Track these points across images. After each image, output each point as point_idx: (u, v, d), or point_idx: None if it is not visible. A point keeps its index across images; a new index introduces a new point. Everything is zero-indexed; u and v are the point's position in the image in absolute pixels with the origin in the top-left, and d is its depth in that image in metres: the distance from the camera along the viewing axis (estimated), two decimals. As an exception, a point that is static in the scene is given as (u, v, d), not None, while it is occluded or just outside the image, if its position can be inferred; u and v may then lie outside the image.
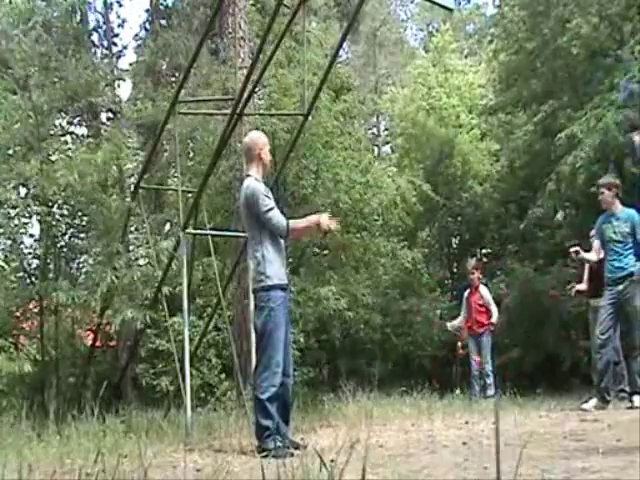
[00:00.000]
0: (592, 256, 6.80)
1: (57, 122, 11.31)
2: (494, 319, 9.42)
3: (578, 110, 10.55)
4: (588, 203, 9.47)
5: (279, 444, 4.30)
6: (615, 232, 6.52)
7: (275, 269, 4.57)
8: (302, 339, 9.46)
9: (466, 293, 9.90)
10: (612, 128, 9.24)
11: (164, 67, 13.72)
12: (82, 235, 9.26)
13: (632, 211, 6.59)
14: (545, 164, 11.89)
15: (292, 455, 4.01)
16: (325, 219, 4.64)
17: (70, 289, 7.52)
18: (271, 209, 4.58)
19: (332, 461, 2.28)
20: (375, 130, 24.84)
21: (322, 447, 4.05)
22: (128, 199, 8.78)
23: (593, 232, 6.92)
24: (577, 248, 6.74)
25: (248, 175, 4.80)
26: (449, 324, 10.10)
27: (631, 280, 6.40)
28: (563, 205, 11.85)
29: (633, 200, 6.83)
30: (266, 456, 4.07)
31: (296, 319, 9.41)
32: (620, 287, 6.43)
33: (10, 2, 10.04)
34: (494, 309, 9.49)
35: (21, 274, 8.39)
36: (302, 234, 4.64)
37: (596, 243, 6.79)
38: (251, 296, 6.44)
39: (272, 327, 4.47)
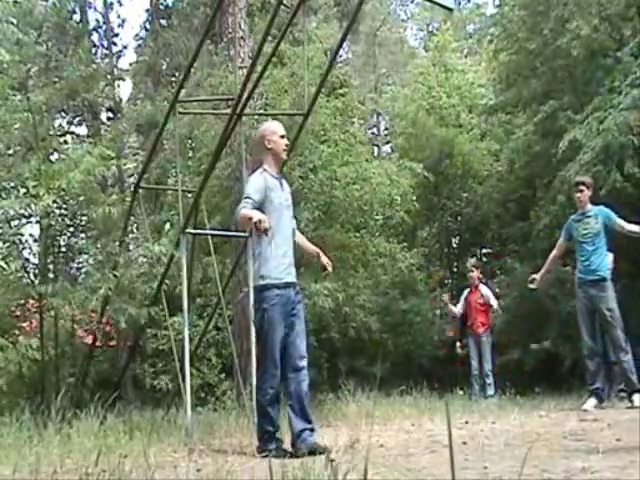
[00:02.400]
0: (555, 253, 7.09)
1: (57, 122, 11.32)
2: (494, 306, 9.46)
3: (578, 111, 10.54)
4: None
5: (279, 444, 4.30)
6: (587, 229, 6.62)
7: (271, 267, 4.41)
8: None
9: (465, 292, 9.92)
10: (614, 130, 9.25)
11: (164, 67, 13.74)
12: (82, 235, 9.27)
13: (600, 207, 6.75)
14: (545, 164, 11.88)
15: (291, 456, 3.99)
16: (261, 222, 4.17)
17: (68, 292, 7.50)
18: (246, 197, 4.41)
19: (332, 461, 2.29)
20: (375, 130, 24.85)
21: (323, 446, 4.06)
22: (128, 199, 8.79)
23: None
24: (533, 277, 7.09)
25: (260, 166, 4.70)
26: (451, 306, 10.10)
27: (602, 285, 6.46)
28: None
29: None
30: (266, 456, 4.07)
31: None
32: (593, 291, 6.50)
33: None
34: (494, 302, 9.51)
35: (20, 274, 8.39)
36: (242, 223, 4.47)
37: (560, 241, 6.97)
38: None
39: (267, 328, 4.35)
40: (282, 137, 4.68)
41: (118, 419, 5.71)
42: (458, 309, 9.84)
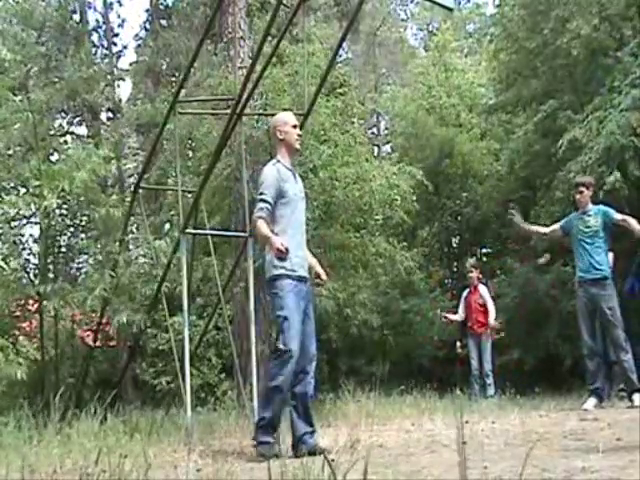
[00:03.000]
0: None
1: (57, 122, 11.33)
2: (491, 318, 9.41)
3: (578, 111, 10.55)
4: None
5: (269, 439, 4.12)
6: (588, 227, 6.62)
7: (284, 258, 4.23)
8: None
9: (465, 292, 9.90)
10: (616, 132, 9.26)
11: (164, 67, 13.75)
12: (82, 235, 9.28)
13: (600, 206, 6.77)
14: (545, 164, 11.88)
15: (278, 456, 3.86)
16: (279, 249, 4.10)
17: (67, 292, 7.49)
18: (261, 200, 4.31)
19: (332, 461, 2.28)
20: (375, 129, 24.83)
21: (322, 447, 4.05)
22: (128, 199, 8.79)
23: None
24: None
25: (273, 157, 4.60)
26: (451, 316, 10.11)
27: (603, 284, 6.46)
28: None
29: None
30: (261, 460, 3.93)
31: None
32: (593, 290, 6.49)
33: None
34: (492, 308, 9.48)
35: (20, 274, 8.40)
36: (259, 240, 4.43)
37: (556, 225, 6.97)
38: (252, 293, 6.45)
39: (284, 315, 4.18)
40: (294, 127, 4.57)
41: (118, 419, 5.71)
42: (459, 312, 9.82)
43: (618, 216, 6.58)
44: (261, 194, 4.36)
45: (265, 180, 4.38)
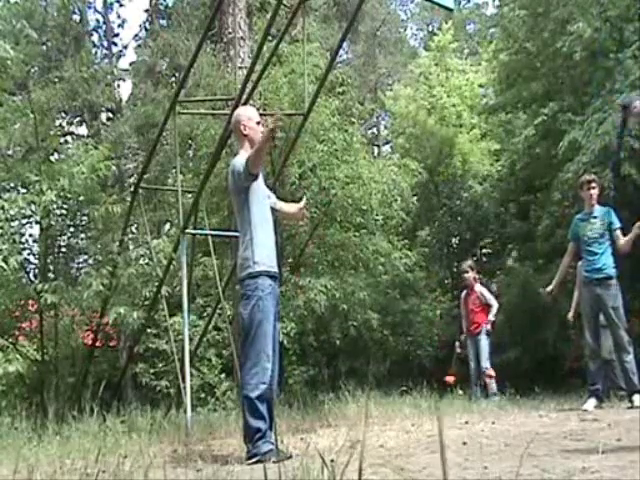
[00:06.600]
0: (566, 260, 6.86)
1: (57, 122, 11.34)
2: (491, 315, 9.36)
3: (579, 113, 10.54)
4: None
5: (272, 447, 3.94)
6: (592, 230, 6.58)
7: (264, 255, 4.15)
8: (292, 335, 9.42)
9: (463, 294, 9.85)
10: (610, 131, 9.27)
11: (164, 67, 13.77)
12: (82, 235, 9.27)
13: (606, 208, 6.72)
14: (546, 165, 11.88)
15: (289, 458, 3.74)
16: (274, 121, 3.92)
17: (64, 290, 7.48)
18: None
19: (332, 461, 2.28)
20: (375, 130, 24.85)
21: (322, 447, 4.05)
22: (128, 199, 8.79)
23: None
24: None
25: (238, 154, 4.41)
26: (459, 350, 9.98)
27: (608, 284, 6.45)
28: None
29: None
30: (257, 462, 3.76)
31: (289, 315, 9.44)
32: (599, 290, 6.47)
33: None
34: (494, 303, 9.42)
35: (20, 274, 8.38)
36: (261, 150, 4.07)
37: (570, 245, 6.83)
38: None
39: (261, 318, 4.03)
40: (258, 124, 4.37)
41: (118, 419, 5.70)
42: (462, 314, 9.78)
43: (618, 233, 6.53)
44: (242, 161, 4.16)
45: (238, 162, 4.21)
